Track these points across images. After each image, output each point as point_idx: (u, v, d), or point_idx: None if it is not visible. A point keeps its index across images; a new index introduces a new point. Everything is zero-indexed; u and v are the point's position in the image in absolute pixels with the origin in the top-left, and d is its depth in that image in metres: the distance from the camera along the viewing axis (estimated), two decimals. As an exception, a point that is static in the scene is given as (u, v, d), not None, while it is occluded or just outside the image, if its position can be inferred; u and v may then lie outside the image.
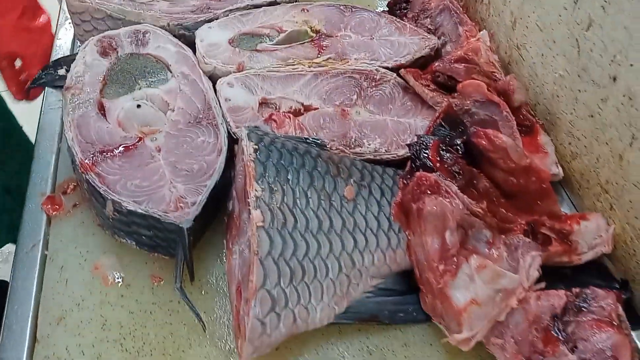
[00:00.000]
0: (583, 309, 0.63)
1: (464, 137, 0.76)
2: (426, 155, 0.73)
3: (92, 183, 0.72)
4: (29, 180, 0.83)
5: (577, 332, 0.62)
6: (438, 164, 0.72)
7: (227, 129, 0.81)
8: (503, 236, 0.67)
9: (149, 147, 0.77)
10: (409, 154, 0.75)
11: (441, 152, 0.74)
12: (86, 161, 0.74)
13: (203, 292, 0.71)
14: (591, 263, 0.73)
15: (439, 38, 0.98)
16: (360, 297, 0.67)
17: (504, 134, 0.82)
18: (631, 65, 0.65)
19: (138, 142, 0.78)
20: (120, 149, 0.76)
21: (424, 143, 0.74)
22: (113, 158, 0.75)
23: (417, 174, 0.69)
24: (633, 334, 0.70)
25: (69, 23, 1.07)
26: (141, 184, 0.72)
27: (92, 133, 0.78)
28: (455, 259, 0.63)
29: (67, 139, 0.77)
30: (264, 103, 0.86)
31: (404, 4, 1.06)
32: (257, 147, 0.70)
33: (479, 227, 0.65)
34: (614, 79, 0.69)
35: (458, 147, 0.75)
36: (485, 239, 0.65)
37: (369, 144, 0.81)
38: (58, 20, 1.10)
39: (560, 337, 0.62)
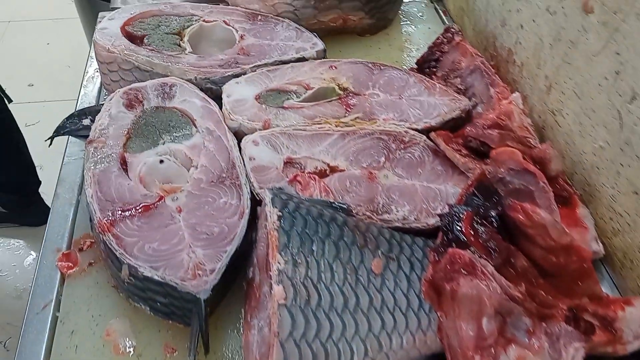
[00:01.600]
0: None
1: (499, 209, 0.72)
2: (459, 228, 0.69)
3: (109, 245, 0.69)
4: (45, 235, 0.80)
5: None
6: (472, 239, 0.68)
7: (250, 189, 0.78)
8: (544, 324, 0.62)
9: (170, 207, 0.75)
10: (440, 225, 0.71)
11: (475, 225, 0.70)
12: (104, 221, 0.71)
13: (218, 367, 0.67)
14: (637, 353, 0.67)
15: (469, 99, 0.95)
16: (386, 382, 0.63)
17: (541, 205, 0.78)
18: (682, 144, 0.62)
19: (159, 201, 0.75)
20: (140, 208, 0.74)
21: (457, 214, 0.71)
22: (132, 218, 0.72)
23: (450, 250, 0.64)
24: None
25: (97, 71, 1.07)
26: (159, 247, 0.69)
27: (113, 190, 0.76)
28: (492, 349, 0.58)
29: (86, 195, 0.75)
30: (288, 162, 0.83)
31: (433, 63, 1.04)
32: (281, 213, 0.67)
33: (518, 314, 0.61)
34: (662, 157, 0.65)
35: (493, 220, 0.71)
36: (525, 327, 0.60)
37: (398, 211, 0.77)
38: (86, 68, 1.10)
39: None
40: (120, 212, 0.73)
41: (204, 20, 1.05)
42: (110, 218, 0.72)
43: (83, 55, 1.22)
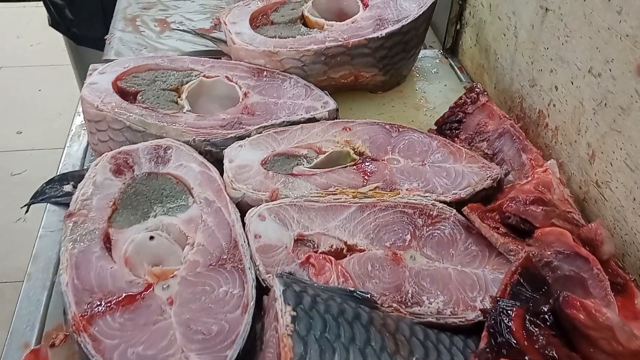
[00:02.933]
0: None
1: (551, 303, 0.61)
2: (509, 329, 0.58)
3: (85, 348, 0.57)
4: (11, 326, 0.68)
5: None
6: (526, 343, 0.56)
7: (256, 274, 0.67)
8: None
9: (159, 297, 0.63)
10: (483, 321, 0.60)
11: (528, 325, 0.58)
12: (80, 316, 0.59)
13: None
14: None
15: (499, 165, 0.85)
16: None
17: (595, 295, 0.67)
18: None
19: (146, 290, 0.63)
20: (124, 299, 0.62)
21: (505, 311, 0.59)
22: (113, 313, 0.60)
23: (504, 363, 0.53)
24: None
25: (84, 129, 0.97)
26: (145, 352, 0.57)
27: (92, 276, 0.64)
28: None
29: (61, 282, 0.63)
30: (299, 240, 0.72)
31: (455, 124, 0.95)
32: (295, 313, 0.55)
33: None
34: None
35: (545, 317, 0.60)
36: None
37: (430, 302, 0.66)
38: (71, 126, 1.00)
39: None
40: (99, 305, 0.61)
41: (204, 76, 0.95)
42: (88, 312, 0.60)
43: (75, 102, 1.13)
